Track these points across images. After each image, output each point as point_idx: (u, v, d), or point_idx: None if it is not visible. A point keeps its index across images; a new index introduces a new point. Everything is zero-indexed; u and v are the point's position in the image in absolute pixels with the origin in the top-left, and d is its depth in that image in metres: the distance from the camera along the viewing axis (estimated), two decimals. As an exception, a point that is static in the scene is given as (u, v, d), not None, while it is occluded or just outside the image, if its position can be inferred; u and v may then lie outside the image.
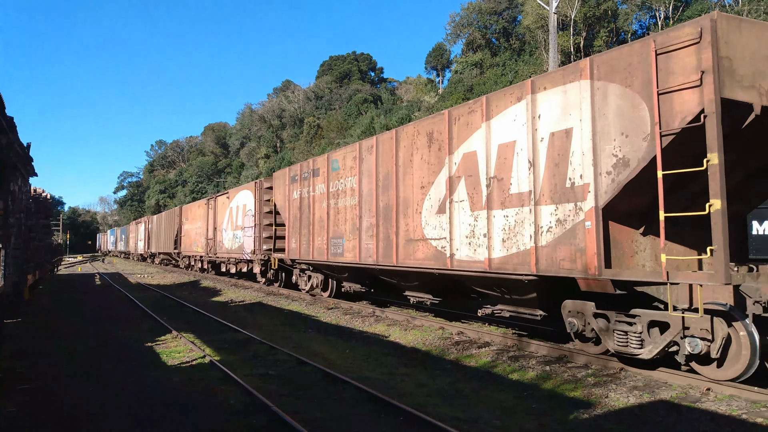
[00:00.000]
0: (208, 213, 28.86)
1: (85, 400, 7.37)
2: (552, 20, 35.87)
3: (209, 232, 28.58)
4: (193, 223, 32.52)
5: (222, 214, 26.82)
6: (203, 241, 29.72)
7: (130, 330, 13.20)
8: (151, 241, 47.24)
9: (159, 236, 43.18)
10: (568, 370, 8.34)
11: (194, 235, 32.09)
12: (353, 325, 13.29)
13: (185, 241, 34.62)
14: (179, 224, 35.64)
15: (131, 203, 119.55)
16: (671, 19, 45.42)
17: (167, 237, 39.09)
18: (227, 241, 25.89)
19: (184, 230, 34.91)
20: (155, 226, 45.61)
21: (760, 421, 5.94)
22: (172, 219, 38.00)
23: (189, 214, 34.11)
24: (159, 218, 45.05)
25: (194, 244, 32.12)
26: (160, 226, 42.91)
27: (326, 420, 6.41)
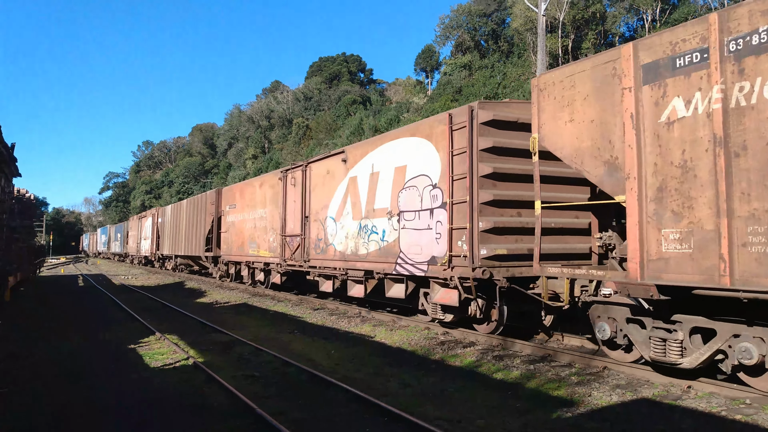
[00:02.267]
0: (286, 193, 18.08)
1: (65, 403, 7.28)
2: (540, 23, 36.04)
3: (289, 223, 17.70)
4: (248, 211, 21.80)
5: (325, 192, 15.65)
6: (269, 240, 19.48)
7: (113, 332, 13.07)
8: (163, 240, 36.75)
9: (177, 233, 32.47)
10: (552, 369, 8.38)
11: (250, 231, 21.26)
12: (339, 325, 13.27)
13: (230, 239, 23.82)
14: (216, 215, 25.47)
15: (116, 204, 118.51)
16: (658, 22, 45.83)
17: (192, 234, 28.80)
18: (344, 239, 14.49)
19: (226, 223, 24.32)
20: (170, 220, 34.69)
21: (739, 417, 6.00)
22: (200, 208, 27.66)
23: (239, 197, 23.13)
24: (176, 209, 33.65)
25: (250, 243, 21.32)
26: (179, 220, 32.14)
27: (311, 421, 6.39)
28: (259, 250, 20.18)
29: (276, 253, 18.60)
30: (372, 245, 13.05)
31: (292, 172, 17.70)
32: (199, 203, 28.54)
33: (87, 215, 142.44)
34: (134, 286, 27.69)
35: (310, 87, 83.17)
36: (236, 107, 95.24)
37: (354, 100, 71.93)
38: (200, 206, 27.90)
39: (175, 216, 33.48)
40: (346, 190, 14.34)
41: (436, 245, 10.87)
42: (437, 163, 11.00)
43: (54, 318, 15.68)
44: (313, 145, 63.02)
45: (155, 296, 21.05)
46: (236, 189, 23.97)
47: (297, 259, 16.96)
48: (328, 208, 15.25)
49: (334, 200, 14.95)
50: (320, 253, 15.59)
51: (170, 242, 34.62)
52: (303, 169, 16.88)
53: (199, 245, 27.22)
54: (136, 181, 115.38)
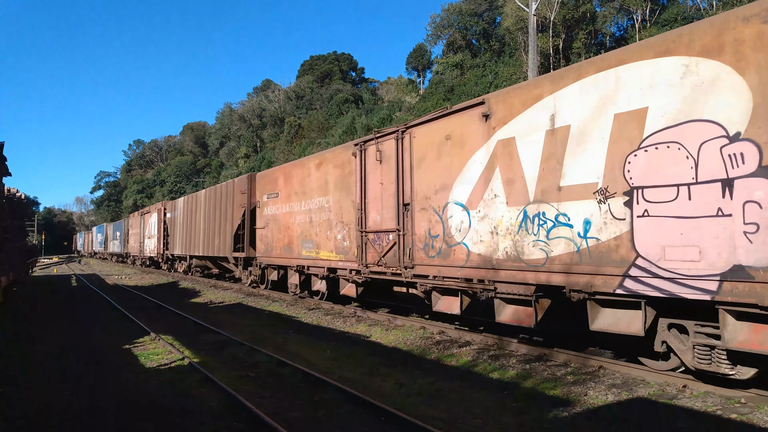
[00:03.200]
0: (365, 173, 13.23)
1: (59, 404, 7.24)
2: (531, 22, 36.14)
3: (372, 214, 12.90)
4: (297, 200, 16.72)
5: (444, 167, 10.78)
6: (335, 238, 14.51)
7: (108, 332, 13.01)
8: (174, 238, 32.12)
9: (192, 230, 28.01)
10: (547, 368, 8.41)
11: (302, 226, 16.25)
12: (334, 325, 13.26)
13: (270, 236, 18.55)
14: (249, 206, 20.44)
15: (108, 203, 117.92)
16: (648, 22, 46.07)
17: (214, 231, 24.23)
18: (487, 235, 9.71)
19: (264, 217, 19.11)
20: (183, 215, 30.01)
21: (734, 416, 6.05)
22: (226, 199, 22.96)
23: (282, 183, 17.84)
24: (191, 202, 28.74)
25: (303, 243, 16.18)
26: (195, 214, 27.71)
27: (306, 421, 6.38)
28: (319, 251, 15.18)
29: (348, 256, 13.81)
30: (557, 245, 8.30)
31: (377, 144, 12.70)
32: (223, 193, 23.41)
33: (79, 215, 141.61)
34: (128, 285, 27.54)
35: (302, 86, 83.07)
36: (227, 106, 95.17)
37: (346, 98, 71.92)
38: (226, 197, 22.96)
39: (190, 210, 28.62)
40: (490, 160, 9.42)
41: (745, 245, 6.10)
42: (742, 99, 6.22)
43: (47, 318, 15.58)
44: (305, 144, 62.93)
45: (149, 296, 20.95)
46: (278, 173, 18.48)
47: (389, 264, 12.11)
48: (450, 191, 10.38)
49: (462, 178, 10.05)
50: (436, 256, 10.68)
51: (183, 241, 29.73)
52: (398, 137, 11.90)
53: (225, 244, 22.57)
54: (127, 180, 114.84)
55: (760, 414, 6.07)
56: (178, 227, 30.97)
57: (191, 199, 29.21)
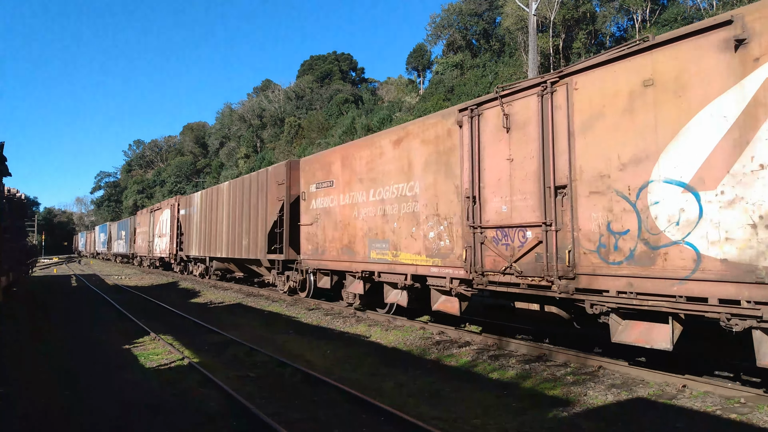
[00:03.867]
0: (478, 147, 10.02)
1: (59, 404, 7.24)
2: (531, 22, 36.16)
3: (493, 203, 9.72)
4: (363, 188, 13.53)
5: (637, 129, 7.49)
6: (424, 236, 11.40)
7: (107, 332, 13.01)
8: (190, 237, 28.67)
9: (213, 229, 24.80)
10: (547, 368, 8.41)
11: (371, 221, 13.14)
12: (334, 325, 13.26)
13: (321, 235, 15.31)
14: (288, 199, 17.42)
15: (108, 203, 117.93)
16: (648, 22, 46.07)
17: (242, 229, 21.13)
18: (747, 229, 6.33)
19: (312, 211, 15.76)
20: (201, 212, 26.78)
21: (734, 417, 6.06)
22: (258, 191, 19.92)
23: (339, 168, 14.56)
24: (211, 196, 25.46)
25: (371, 243, 13.13)
26: (216, 210, 24.53)
27: (306, 421, 6.38)
28: (397, 252, 12.10)
29: (448, 260, 10.53)
30: None
31: (503, 106, 9.31)
32: (253, 185, 20.38)
33: (79, 215, 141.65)
34: (128, 286, 27.53)
35: (302, 86, 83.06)
36: (227, 106, 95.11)
37: (346, 99, 71.92)
38: (257, 189, 19.91)
39: (210, 205, 25.46)
40: (748, 112, 6.31)
41: None
42: None
43: (47, 318, 15.58)
44: (305, 144, 62.92)
45: (149, 296, 20.95)
46: (333, 157, 14.99)
47: (527, 273, 8.83)
48: (654, 164, 7.17)
49: (682, 143, 6.89)
50: (625, 261, 7.45)
51: (201, 241, 26.58)
52: (543, 92, 8.70)
53: (256, 245, 19.56)
54: (127, 180, 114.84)
55: (760, 414, 6.07)
56: (195, 225, 27.81)
57: (211, 193, 25.84)
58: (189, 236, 28.95)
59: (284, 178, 17.69)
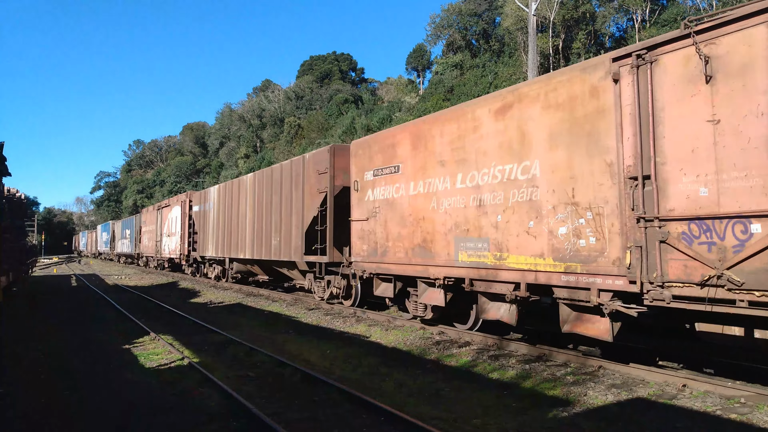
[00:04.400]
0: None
1: (59, 404, 7.24)
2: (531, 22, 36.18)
3: None
4: (445, 172, 10.90)
5: None
6: (549, 225, 8.70)
7: (107, 332, 13.01)
8: (206, 236, 26.26)
9: (234, 227, 22.41)
10: (547, 368, 8.41)
11: (459, 214, 10.45)
12: (334, 325, 13.26)
13: (381, 233, 12.81)
14: (331, 191, 15.16)
15: (108, 203, 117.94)
16: (648, 22, 46.09)
17: (270, 227, 18.88)
18: None
19: (367, 204, 13.26)
20: (219, 208, 24.47)
21: (734, 417, 6.05)
22: (292, 182, 17.42)
23: (408, 150, 12.00)
24: (231, 190, 23.26)
25: (457, 241, 10.45)
26: (237, 206, 22.22)
27: (306, 421, 6.38)
28: (502, 254, 9.41)
29: (598, 265, 7.92)
30: None
31: (698, 46, 6.86)
32: (288, 175, 17.71)
33: (79, 215, 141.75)
34: (127, 285, 27.53)
35: (302, 86, 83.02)
36: (227, 106, 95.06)
37: (346, 99, 71.89)
38: (291, 180, 17.37)
39: (229, 200, 23.21)
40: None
41: None
42: None
43: (47, 318, 15.58)
44: (305, 144, 62.91)
45: (149, 296, 20.95)
46: (398, 136, 12.35)
47: (753, 285, 6.22)
48: None
49: None
50: None
51: (219, 240, 24.24)
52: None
53: (290, 244, 17.07)
54: (127, 180, 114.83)
55: (760, 414, 6.07)
56: (212, 223, 25.35)
57: (230, 187, 23.55)
58: (204, 235, 26.57)
59: (327, 166, 15.18)
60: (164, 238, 33.97)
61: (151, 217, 38.15)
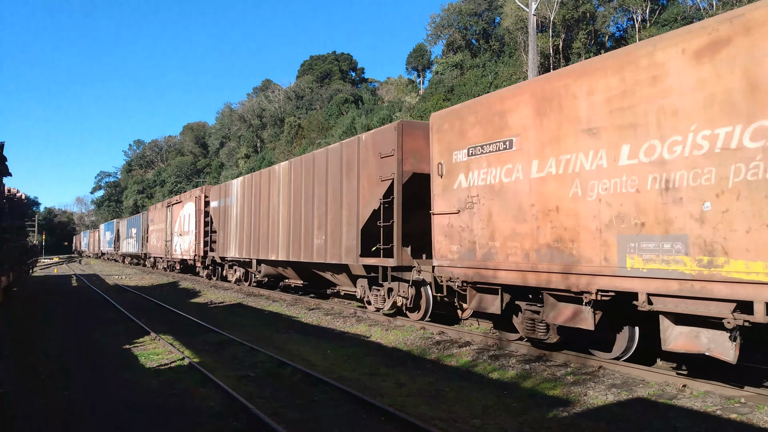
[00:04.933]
0: None
1: (59, 404, 7.24)
2: (531, 22, 36.18)
3: None
4: (619, 140, 7.63)
5: None
6: None
7: (108, 332, 13.01)
8: (226, 235, 23.49)
9: (264, 224, 19.41)
10: (547, 368, 8.41)
11: (615, 199, 7.64)
12: (334, 325, 13.26)
13: (481, 228, 9.82)
14: (399, 176, 12.38)
15: (108, 203, 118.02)
16: (648, 22, 46.07)
17: (313, 223, 15.96)
18: None
19: (464, 191, 10.28)
20: (241, 203, 21.81)
21: (734, 417, 6.05)
22: (342, 170, 14.56)
23: (536, 111, 8.88)
24: (258, 182, 20.31)
25: (621, 237, 7.50)
26: (267, 200, 19.33)
27: (306, 421, 6.38)
28: (719, 258, 6.48)
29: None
30: None
31: None
32: (336, 161, 14.75)
33: (79, 215, 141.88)
34: (128, 286, 27.55)
35: (302, 86, 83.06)
36: (227, 106, 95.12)
37: (346, 99, 71.91)
38: (342, 165, 14.39)
39: (256, 193, 20.38)
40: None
41: None
42: None
43: (47, 318, 15.59)
44: (305, 144, 62.94)
45: (149, 296, 20.96)
46: (510, 101, 9.53)
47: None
48: None
49: None
50: None
51: (243, 239, 21.40)
52: None
53: (340, 244, 14.20)
54: (127, 180, 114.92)
55: (760, 414, 6.07)
56: (234, 220, 22.51)
57: (257, 178, 20.59)
58: (225, 234, 23.70)
59: (393, 148, 12.39)
60: (175, 238, 31.46)
61: (160, 214, 35.50)
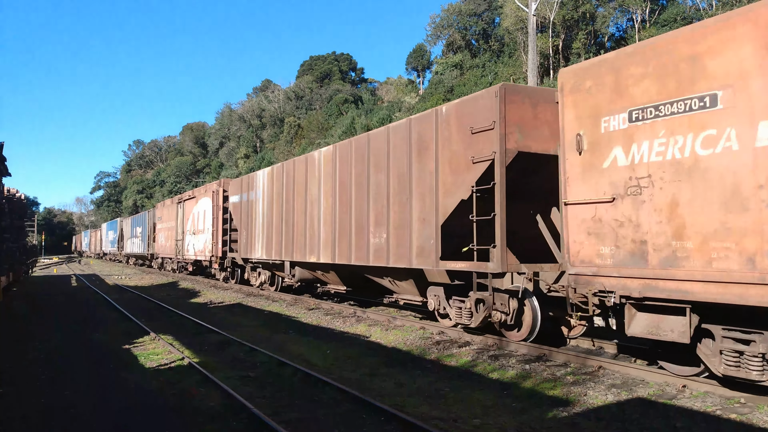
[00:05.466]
0: None
1: (59, 404, 7.24)
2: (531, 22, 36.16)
3: None
4: None
5: None
6: None
7: (107, 332, 13.01)
8: (250, 234, 20.58)
9: (300, 221, 16.67)
10: (547, 368, 8.41)
11: None
12: (334, 325, 13.26)
13: (682, 218, 6.70)
14: (506, 155, 9.35)
15: (108, 203, 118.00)
16: (647, 22, 46.10)
17: (370, 218, 13.12)
18: None
19: (643, 166, 7.19)
20: (269, 197, 19.05)
21: (734, 417, 6.06)
22: (411, 152, 11.68)
23: None
24: (291, 172, 17.47)
25: None
26: (303, 194, 16.59)
27: (306, 421, 6.38)
28: None
29: None
30: None
31: None
32: (400, 140, 12.07)
33: (79, 215, 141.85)
34: (127, 286, 27.54)
35: (301, 86, 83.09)
36: (227, 106, 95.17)
37: (345, 99, 71.93)
38: (411, 146, 11.68)
39: (289, 185, 17.41)
40: None
41: None
42: None
43: (47, 318, 15.58)
44: (305, 144, 62.93)
45: (149, 296, 20.95)
46: (694, 43, 6.71)
47: None
48: None
49: None
50: None
51: (272, 239, 18.53)
52: None
53: (409, 245, 11.55)
54: (127, 180, 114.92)
55: (760, 414, 6.08)
56: (260, 217, 19.64)
57: (290, 168, 17.53)
58: (249, 232, 20.61)
59: (493, 119, 9.48)
60: (188, 237, 28.81)
61: (169, 212, 32.99)
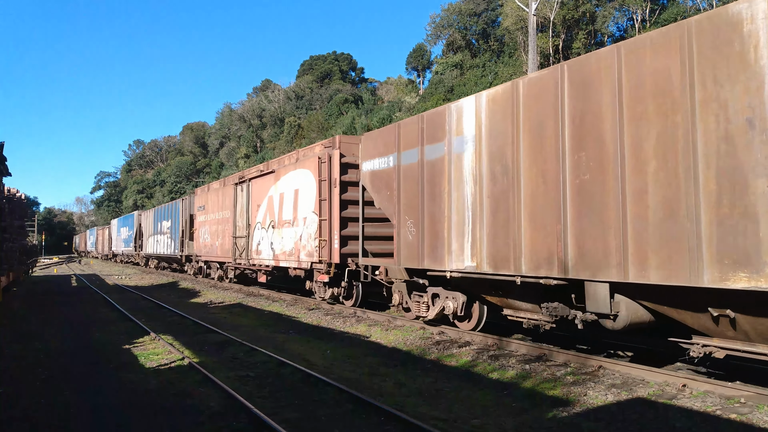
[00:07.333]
0: None
1: (59, 403, 7.24)
2: (531, 22, 36.16)
3: None
4: None
5: None
6: None
7: (107, 332, 13.01)
8: (447, 226, 10.10)
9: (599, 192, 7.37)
10: (547, 368, 8.40)
11: None
12: (334, 325, 13.26)
13: None
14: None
15: (108, 203, 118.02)
16: (648, 22, 46.08)
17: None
18: None
19: None
20: (484, 154, 9.27)
21: (734, 417, 6.05)
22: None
23: None
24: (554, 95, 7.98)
25: None
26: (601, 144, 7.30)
27: (306, 421, 6.38)
28: None
29: None
30: None
31: None
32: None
33: (79, 215, 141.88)
34: (128, 286, 27.55)
35: (302, 86, 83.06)
36: (227, 106, 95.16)
37: (346, 99, 71.91)
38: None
39: (538, 131, 8.27)
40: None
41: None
42: None
43: (47, 318, 15.58)
44: (305, 144, 62.91)
45: (149, 296, 20.95)
46: None
47: None
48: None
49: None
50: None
51: (518, 228, 8.75)
52: None
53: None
54: (127, 180, 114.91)
55: (760, 414, 6.07)
56: (468, 188, 9.77)
57: (530, 96, 8.58)
58: (439, 218, 10.48)
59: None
60: (258, 232, 19.73)
61: (220, 198, 24.11)
